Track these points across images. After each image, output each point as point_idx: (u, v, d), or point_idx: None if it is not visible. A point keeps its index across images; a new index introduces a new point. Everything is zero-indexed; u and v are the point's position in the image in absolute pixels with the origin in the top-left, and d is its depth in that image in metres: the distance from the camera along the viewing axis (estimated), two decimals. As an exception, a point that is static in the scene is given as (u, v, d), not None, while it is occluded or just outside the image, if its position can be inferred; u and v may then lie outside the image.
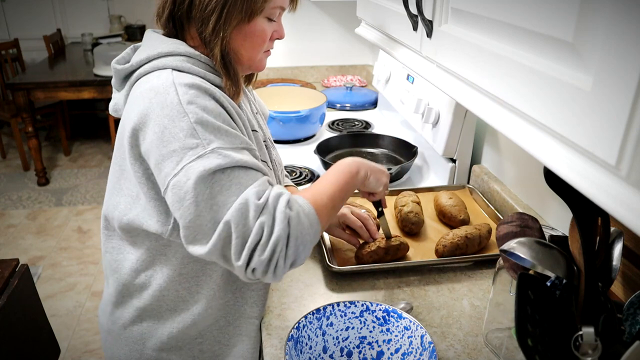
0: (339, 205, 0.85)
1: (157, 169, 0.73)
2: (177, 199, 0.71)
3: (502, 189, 1.31)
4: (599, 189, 0.42)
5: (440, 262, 1.10)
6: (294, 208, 0.73)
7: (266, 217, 0.70)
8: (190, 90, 0.74)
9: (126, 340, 0.91)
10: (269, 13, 0.81)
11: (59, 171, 3.96)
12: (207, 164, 0.70)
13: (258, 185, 0.72)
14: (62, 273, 2.76)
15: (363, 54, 2.61)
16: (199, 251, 0.72)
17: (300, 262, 0.74)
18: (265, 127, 1.02)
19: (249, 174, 0.73)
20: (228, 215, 0.69)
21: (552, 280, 0.69)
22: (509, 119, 0.57)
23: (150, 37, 0.85)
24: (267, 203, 0.71)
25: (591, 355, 0.60)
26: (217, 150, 0.71)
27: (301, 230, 0.72)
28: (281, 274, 0.72)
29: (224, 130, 0.74)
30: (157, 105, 0.73)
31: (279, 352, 0.88)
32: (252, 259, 0.70)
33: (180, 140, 0.71)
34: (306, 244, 0.74)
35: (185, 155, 0.71)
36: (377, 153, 1.69)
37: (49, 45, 4.30)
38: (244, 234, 0.69)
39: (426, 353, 0.79)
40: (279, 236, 0.70)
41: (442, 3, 0.76)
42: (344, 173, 0.87)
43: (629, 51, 0.37)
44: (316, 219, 0.75)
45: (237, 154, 0.73)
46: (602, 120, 0.41)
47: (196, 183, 0.69)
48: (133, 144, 0.77)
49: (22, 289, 1.29)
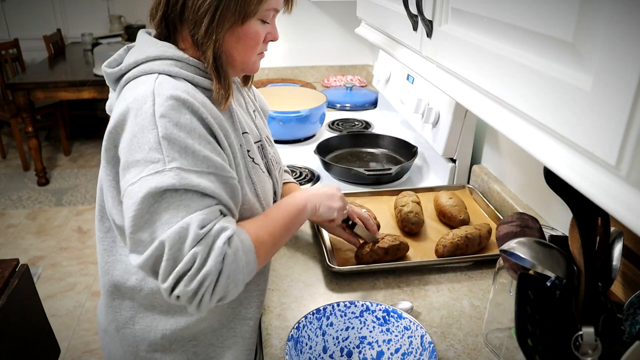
0: (281, 243, 0.85)
1: (122, 173, 0.74)
2: (126, 207, 0.71)
3: (502, 189, 1.31)
4: (599, 189, 0.42)
5: (440, 262, 1.10)
6: (233, 245, 0.72)
7: (201, 249, 0.69)
8: (167, 102, 0.72)
9: (121, 342, 0.91)
10: (262, 15, 0.80)
11: (59, 171, 3.96)
12: (160, 182, 0.69)
13: (205, 214, 0.71)
14: (62, 273, 2.76)
15: (363, 54, 2.61)
16: (133, 261, 0.72)
17: (230, 298, 0.74)
18: (263, 125, 1.02)
19: (203, 200, 0.72)
20: (165, 235, 0.68)
21: (552, 280, 0.69)
22: (509, 119, 0.57)
23: (141, 39, 0.85)
24: (208, 234, 0.70)
25: (591, 355, 0.60)
26: (176, 170, 0.70)
27: (235, 269, 0.71)
28: (205, 309, 0.71)
29: (191, 151, 0.72)
30: (132, 113, 0.73)
31: (279, 352, 0.88)
32: (177, 286, 0.68)
33: (144, 152, 0.70)
34: (237, 282, 0.73)
35: (146, 167, 0.70)
36: (377, 153, 1.69)
37: (49, 45, 4.30)
38: (175, 259, 0.68)
39: (426, 353, 0.79)
40: (209, 271, 0.68)
41: (442, 3, 0.76)
42: (291, 211, 0.87)
43: (629, 51, 0.37)
44: (254, 258, 0.75)
45: (197, 178, 0.71)
46: (602, 120, 0.41)
47: (144, 197, 0.69)
48: (107, 147, 0.77)
49: (22, 289, 1.29)
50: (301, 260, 1.14)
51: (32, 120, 3.47)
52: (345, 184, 1.49)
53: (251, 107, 0.98)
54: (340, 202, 0.97)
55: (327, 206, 0.94)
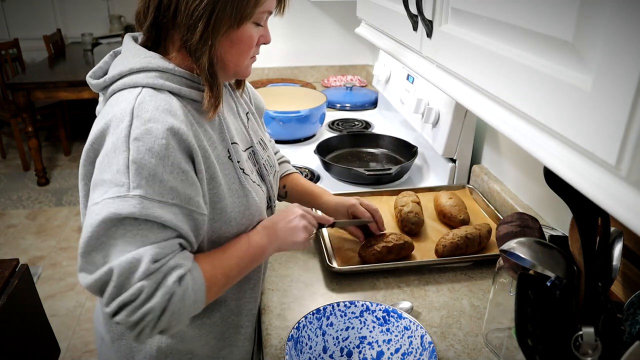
0: (234, 282, 0.83)
1: (91, 190, 0.72)
2: (85, 226, 0.70)
3: (502, 189, 1.31)
4: (599, 189, 0.42)
5: (440, 262, 1.10)
6: (183, 284, 0.71)
7: (149, 284, 0.67)
8: (144, 126, 0.69)
9: (117, 352, 0.90)
10: (257, 18, 0.78)
11: (59, 171, 3.96)
12: (121, 208, 0.67)
13: (161, 247, 0.69)
14: (62, 273, 2.76)
15: (363, 54, 2.61)
16: (82, 280, 0.70)
17: (172, 332, 0.73)
18: (257, 127, 0.99)
19: (162, 232, 0.70)
20: (115, 263, 0.67)
21: (552, 280, 0.69)
22: (509, 119, 0.57)
23: (126, 47, 0.82)
24: (159, 269, 0.69)
25: (591, 355, 0.60)
26: (139, 198, 0.68)
27: (180, 308, 0.70)
28: (145, 339, 0.71)
29: (159, 180, 0.69)
30: (110, 130, 0.71)
31: (279, 352, 0.88)
32: (119, 314, 0.68)
33: (112, 173, 0.69)
34: (181, 320, 0.72)
35: (110, 189, 0.68)
36: (377, 153, 1.69)
37: (49, 45, 4.30)
38: (121, 288, 0.67)
39: (426, 353, 0.79)
40: (152, 308, 0.67)
41: (442, 3, 0.76)
42: (250, 252, 0.84)
43: (629, 51, 0.37)
44: (203, 297, 0.74)
45: (159, 209, 0.69)
46: (602, 120, 0.41)
47: (102, 221, 0.67)
48: (83, 162, 0.76)
49: (22, 289, 1.29)
50: (301, 260, 1.14)
51: (32, 120, 3.47)
52: (345, 184, 1.49)
53: (243, 110, 0.96)
54: (303, 233, 0.91)
55: (291, 242, 0.90)
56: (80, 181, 0.79)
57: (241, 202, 0.84)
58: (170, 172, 0.70)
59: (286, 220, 0.90)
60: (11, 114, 3.72)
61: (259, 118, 1.06)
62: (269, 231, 0.87)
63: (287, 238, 0.89)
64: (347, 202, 1.10)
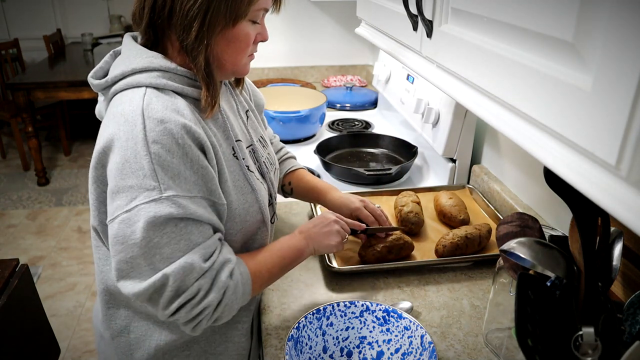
0: (275, 279, 0.89)
1: (111, 197, 0.73)
2: (122, 234, 0.71)
3: (502, 189, 1.31)
4: (599, 189, 0.42)
5: (440, 262, 1.10)
6: (234, 277, 0.77)
7: (205, 282, 0.73)
8: (159, 127, 0.70)
9: (116, 349, 0.91)
10: (253, 16, 0.77)
11: (59, 171, 3.96)
12: (159, 210, 0.69)
13: (207, 247, 0.74)
14: (62, 273, 2.76)
15: (363, 54, 2.61)
16: (128, 289, 0.72)
17: (223, 321, 0.80)
18: (257, 125, 0.99)
19: (201, 229, 0.74)
20: (169, 270, 0.70)
21: (552, 280, 0.69)
22: (509, 119, 0.57)
23: (127, 46, 0.82)
24: (212, 267, 0.74)
25: (591, 355, 0.60)
26: (173, 198, 0.70)
27: (233, 299, 0.77)
28: (200, 331, 0.77)
29: (184, 177, 0.72)
30: (123, 134, 0.71)
31: (279, 352, 0.88)
32: (179, 312, 0.73)
33: (138, 178, 0.69)
34: (232, 310, 0.78)
35: (140, 194, 0.70)
36: (377, 153, 1.69)
37: (49, 45, 4.30)
38: (179, 290, 0.72)
39: (426, 353, 0.79)
40: (211, 302, 0.73)
41: (442, 3, 0.76)
42: (291, 253, 0.90)
43: (629, 51, 0.37)
44: (250, 290, 0.80)
45: (193, 205, 0.72)
46: (602, 120, 0.41)
47: (146, 227, 0.69)
48: (95, 166, 0.76)
49: (22, 289, 1.29)
50: (301, 260, 1.13)
51: (32, 120, 3.47)
52: (345, 184, 1.49)
53: (243, 108, 0.96)
54: (337, 237, 0.96)
55: (326, 245, 0.95)
56: (91, 184, 0.79)
57: (245, 199, 0.85)
58: (190, 167, 0.73)
59: (321, 225, 0.96)
60: (11, 114, 3.72)
61: (259, 115, 1.07)
62: (305, 235, 0.93)
63: (322, 241, 0.94)
64: (351, 205, 1.10)
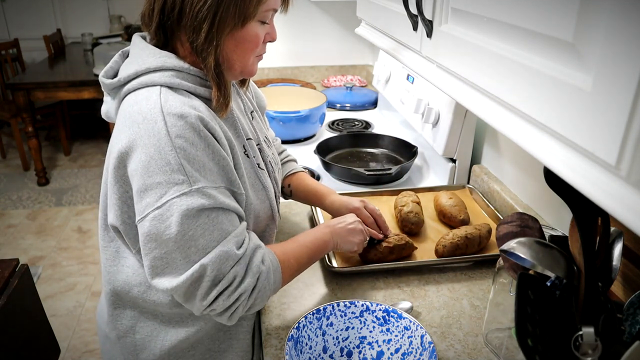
0: (303, 269, 0.90)
1: (138, 196, 0.73)
2: (155, 230, 0.71)
3: (502, 189, 1.31)
4: (599, 189, 0.42)
5: (440, 262, 1.10)
6: (266, 263, 0.79)
7: (240, 268, 0.75)
8: (180, 122, 0.72)
9: (122, 349, 0.91)
10: (262, 16, 0.78)
11: (59, 171, 3.96)
12: (191, 203, 0.71)
13: (238, 235, 0.76)
14: (62, 273, 2.76)
15: (363, 54, 2.61)
16: (164, 284, 0.73)
17: (256, 310, 0.81)
18: (261, 125, 1.00)
19: (230, 218, 0.76)
20: (207, 259, 0.72)
21: (552, 280, 0.69)
22: (509, 119, 0.57)
23: (138, 46, 0.82)
24: (245, 254, 0.76)
25: (591, 355, 0.60)
26: (202, 190, 0.72)
27: (266, 286, 0.78)
28: (236, 319, 0.78)
29: (209, 168, 0.74)
30: (144, 133, 0.71)
31: (279, 352, 0.88)
32: (216, 301, 0.74)
33: (166, 174, 0.70)
34: (265, 297, 0.80)
35: (169, 189, 0.71)
36: (377, 153, 1.69)
37: (49, 45, 4.30)
38: (216, 279, 0.73)
39: (426, 353, 0.79)
40: (246, 288, 0.75)
41: (442, 3, 0.76)
42: (316, 243, 0.92)
43: (629, 51, 0.37)
44: (280, 278, 0.82)
45: (220, 195, 0.74)
46: (602, 120, 0.41)
47: (181, 220, 0.70)
48: (117, 166, 0.76)
49: (22, 289, 1.29)
50: (301, 260, 1.13)
51: (32, 120, 3.47)
52: (345, 184, 1.49)
53: (249, 109, 0.97)
54: (360, 236, 0.99)
55: (349, 241, 0.97)
56: (113, 184, 0.78)
57: (258, 196, 0.87)
58: (212, 159, 0.75)
59: (345, 222, 0.99)
60: (11, 114, 3.72)
61: (262, 115, 1.07)
62: (330, 229, 0.96)
63: (346, 237, 0.97)
64: (350, 205, 1.10)
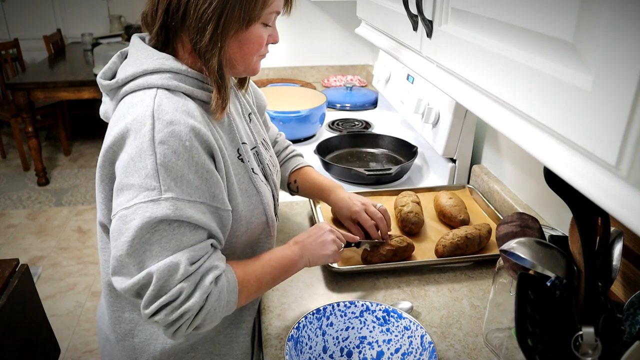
0: (265, 290, 0.86)
1: (115, 194, 0.73)
2: (117, 230, 0.71)
3: (502, 189, 1.31)
4: (599, 189, 0.42)
5: (440, 262, 1.10)
6: (219, 284, 0.75)
7: (188, 285, 0.71)
8: (167, 129, 0.70)
9: (121, 352, 0.91)
10: (265, 19, 0.78)
11: (59, 171, 3.96)
12: (155, 211, 0.69)
13: (196, 250, 0.73)
14: (62, 273, 2.76)
15: (363, 54, 2.61)
16: (117, 284, 0.73)
17: (205, 330, 0.77)
18: (259, 127, 0.99)
19: (195, 233, 0.73)
20: (154, 268, 0.70)
21: (552, 280, 0.69)
22: (509, 119, 0.57)
23: (137, 47, 0.82)
24: (197, 271, 0.72)
25: (591, 355, 0.60)
26: (172, 200, 0.70)
27: (216, 307, 0.74)
28: (179, 337, 0.74)
29: (187, 180, 0.72)
30: (132, 134, 0.71)
31: (279, 352, 0.88)
32: (158, 314, 0.71)
33: (140, 177, 0.70)
34: (215, 318, 0.76)
35: (140, 193, 0.70)
36: (377, 153, 1.69)
37: (49, 45, 4.30)
38: (161, 291, 0.70)
39: (426, 353, 0.79)
40: (191, 307, 0.71)
41: (442, 3, 0.76)
42: (283, 263, 0.87)
43: (629, 51, 0.37)
44: (235, 299, 0.78)
45: (190, 209, 0.72)
46: (602, 120, 0.41)
47: (139, 226, 0.69)
48: (102, 164, 0.76)
49: (22, 289, 1.29)
50: (301, 260, 1.13)
51: (32, 120, 3.47)
52: (345, 184, 1.49)
53: (247, 111, 0.96)
54: (332, 246, 0.93)
55: (321, 256, 0.92)
56: (99, 183, 0.79)
57: (251, 201, 0.86)
58: (195, 171, 0.72)
59: (315, 235, 0.93)
60: (11, 114, 3.72)
61: (261, 116, 1.07)
62: (300, 245, 0.91)
63: (318, 251, 0.92)
64: (352, 208, 1.10)
